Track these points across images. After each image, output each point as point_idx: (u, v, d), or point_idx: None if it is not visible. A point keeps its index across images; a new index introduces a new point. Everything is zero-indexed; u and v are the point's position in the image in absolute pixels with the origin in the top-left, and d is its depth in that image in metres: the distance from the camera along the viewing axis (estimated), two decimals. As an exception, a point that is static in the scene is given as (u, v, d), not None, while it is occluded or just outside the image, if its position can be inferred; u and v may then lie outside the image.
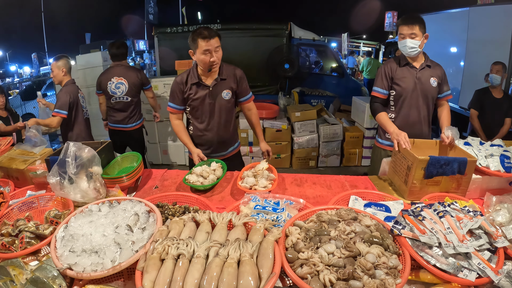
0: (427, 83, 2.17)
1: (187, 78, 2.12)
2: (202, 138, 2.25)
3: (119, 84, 3.35)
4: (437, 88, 2.21)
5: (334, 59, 6.70)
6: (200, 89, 2.12)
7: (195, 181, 1.81)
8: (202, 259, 1.03)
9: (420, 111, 2.22)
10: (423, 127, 2.26)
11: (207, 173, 1.87)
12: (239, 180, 1.83)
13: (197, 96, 2.13)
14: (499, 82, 3.47)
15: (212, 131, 2.22)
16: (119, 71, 3.37)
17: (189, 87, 2.12)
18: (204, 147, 2.25)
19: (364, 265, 1.00)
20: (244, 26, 5.69)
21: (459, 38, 5.37)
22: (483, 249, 1.12)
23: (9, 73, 16.11)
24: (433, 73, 2.19)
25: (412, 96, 2.19)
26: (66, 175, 1.55)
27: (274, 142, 4.59)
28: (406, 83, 2.18)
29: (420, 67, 2.17)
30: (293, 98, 5.42)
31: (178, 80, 2.13)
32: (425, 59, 2.20)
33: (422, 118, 2.24)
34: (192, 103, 2.16)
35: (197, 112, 2.19)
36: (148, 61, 14.92)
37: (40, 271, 1.12)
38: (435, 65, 2.22)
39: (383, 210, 1.48)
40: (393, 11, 13.92)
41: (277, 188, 1.87)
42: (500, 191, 1.63)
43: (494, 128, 3.50)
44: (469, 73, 5.11)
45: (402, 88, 2.19)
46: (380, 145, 2.40)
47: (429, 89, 2.19)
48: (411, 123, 2.18)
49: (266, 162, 1.96)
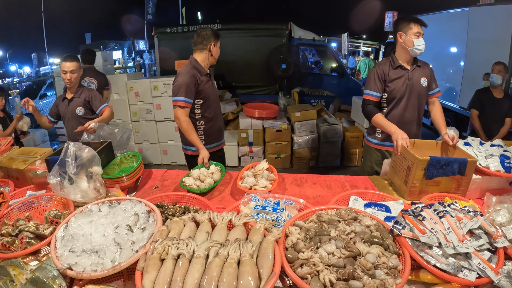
0: (418, 84, 2.20)
1: (199, 72, 2.25)
2: (215, 126, 2.41)
3: (90, 83, 3.90)
4: (427, 87, 2.24)
5: (334, 59, 6.70)
6: (208, 81, 2.31)
7: (192, 184, 1.80)
8: (202, 259, 1.03)
9: (411, 112, 2.24)
10: (415, 127, 2.28)
11: (204, 176, 1.87)
12: (239, 180, 1.83)
13: (207, 87, 2.29)
14: (500, 82, 3.47)
15: (220, 118, 2.49)
16: (89, 73, 3.94)
17: (201, 79, 2.24)
18: (217, 135, 2.45)
19: (364, 265, 1.00)
20: (244, 26, 5.70)
21: (459, 38, 5.37)
22: (483, 249, 1.12)
23: (9, 73, 16.12)
24: (422, 73, 2.22)
25: (404, 97, 2.21)
26: (66, 175, 1.55)
27: (274, 142, 4.60)
28: (398, 84, 2.19)
29: (412, 68, 2.21)
30: (293, 98, 5.42)
31: (191, 75, 2.18)
32: (414, 60, 2.23)
33: (414, 119, 2.26)
34: (205, 94, 2.28)
35: (210, 102, 2.33)
36: (148, 61, 14.92)
37: (40, 271, 1.12)
38: (423, 64, 2.26)
39: (383, 210, 1.48)
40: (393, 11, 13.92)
41: (277, 188, 1.87)
42: (500, 191, 1.63)
43: (494, 128, 3.51)
44: (469, 73, 5.11)
45: (395, 90, 2.20)
46: (370, 144, 2.41)
47: (420, 89, 2.21)
48: (403, 123, 2.15)
49: (266, 162, 1.96)
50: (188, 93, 2.15)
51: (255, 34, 5.67)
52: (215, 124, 2.41)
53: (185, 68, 2.22)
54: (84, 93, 2.62)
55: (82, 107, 2.60)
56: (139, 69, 8.72)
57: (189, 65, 2.24)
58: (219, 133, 2.48)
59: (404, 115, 2.23)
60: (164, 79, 4.60)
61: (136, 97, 4.65)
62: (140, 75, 6.34)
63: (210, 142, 2.37)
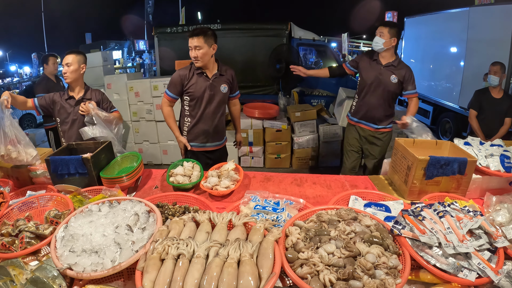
0: (387, 79, 2.65)
1: (190, 70, 2.33)
2: (199, 128, 2.43)
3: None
4: (398, 85, 2.66)
5: (334, 59, 6.70)
6: (202, 81, 2.33)
7: (183, 181, 1.82)
8: (202, 259, 1.03)
9: (377, 98, 2.73)
10: (380, 111, 2.77)
11: (190, 171, 1.90)
12: (203, 179, 1.84)
13: (198, 87, 2.33)
14: (497, 83, 3.47)
15: (209, 121, 2.42)
16: None
17: (190, 77, 2.33)
18: (201, 137, 2.45)
19: (364, 265, 1.00)
20: (244, 26, 5.68)
21: (459, 38, 5.37)
22: (483, 249, 1.12)
23: (9, 73, 16.12)
24: (395, 72, 2.64)
25: (372, 85, 2.72)
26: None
27: (274, 142, 4.60)
28: (369, 74, 2.73)
29: (386, 64, 2.66)
30: (293, 98, 5.42)
31: (181, 73, 2.33)
32: (393, 60, 2.65)
33: (379, 104, 2.75)
34: (193, 93, 2.34)
35: (197, 102, 2.37)
36: (148, 61, 14.92)
37: (40, 271, 1.12)
38: (402, 67, 2.66)
39: (383, 210, 1.48)
40: (393, 11, 13.94)
41: (277, 188, 1.88)
42: (500, 191, 1.63)
43: (493, 128, 3.50)
44: (469, 73, 5.11)
45: (364, 78, 2.76)
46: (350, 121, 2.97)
47: (388, 83, 2.66)
48: (370, 107, 2.77)
49: (233, 163, 1.98)
50: (172, 88, 2.37)
51: (255, 34, 5.65)
52: (200, 125, 2.42)
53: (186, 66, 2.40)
54: (93, 95, 2.38)
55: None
56: (139, 69, 8.72)
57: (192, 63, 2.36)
58: (204, 136, 2.45)
59: (371, 100, 2.76)
60: (164, 79, 4.60)
61: (136, 97, 4.65)
62: (140, 75, 6.35)
63: (191, 140, 2.45)
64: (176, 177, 1.84)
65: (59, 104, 2.32)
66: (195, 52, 2.22)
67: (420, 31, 6.83)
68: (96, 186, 1.76)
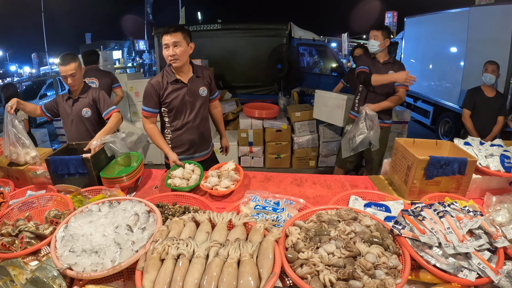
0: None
1: (163, 78, 2.10)
2: (183, 139, 2.22)
3: (90, 83, 3.73)
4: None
5: (334, 59, 6.70)
6: (178, 88, 2.11)
7: (181, 184, 1.80)
8: (202, 259, 1.03)
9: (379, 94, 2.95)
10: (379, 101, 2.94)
11: (188, 174, 1.87)
12: (203, 179, 1.83)
13: (175, 95, 2.11)
14: (494, 81, 3.46)
15: (193, 129, 2.22)
16: (91, 73, 3.80)
17: (165, 87, 2.09)
18: (186, 148, 2.24)
19: (364, 265, 1.00)
20: (244, 26, 5.68)
21: (459, 38, 5.37)
22: (483, 249, 1.12)
23: (9, 73, 16.12)
24: (394, 68, 2.87)
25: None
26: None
27: (274, 142, 4.60)
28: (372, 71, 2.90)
29: (384, 62, 2.93)
30: (293, 98, 5.42)
31: (153, 83, 2.08)
32: (389, 58, 2.95)
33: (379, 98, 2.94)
34: (171, 103, 2.12)
35: (177, 112, 2.16)
36: (148, 61, 14.93)
37: (40, 271, 1.12)
38: (397, 63, 2.97)
39: (383, 210, 1.48)
40: (393, 11, 13.95)
41: (277, 188, 1.88)
42: (500, 191, 1.63)
43: (487, 127, 3.49)
44: (469, 73, 5.11)
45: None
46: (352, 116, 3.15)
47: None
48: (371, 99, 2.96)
49: (234, 163, 1.97)
50: (147, 102, 2.10)
51: (255, 34, 5.66)
52: (184, 136, 2.21)
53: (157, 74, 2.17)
54: (91, 93, 2.34)
55: (88, 108, 2.33)
56: (139, 69, 8.72)
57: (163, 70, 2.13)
58: (190, 146, 2.25)
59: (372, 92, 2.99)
60: (164, 79, 4.59)
61: (136, 97, 4.65)
62: (140, 75, 6.34)
63: (178, 153, 2.18)
64: (174, 179, 1.83)
65: (61, 105, 2.36)
66: (173, 50, 1.96)
67: (420, 31, 6.83)
68: (96, 186, 1.76)
